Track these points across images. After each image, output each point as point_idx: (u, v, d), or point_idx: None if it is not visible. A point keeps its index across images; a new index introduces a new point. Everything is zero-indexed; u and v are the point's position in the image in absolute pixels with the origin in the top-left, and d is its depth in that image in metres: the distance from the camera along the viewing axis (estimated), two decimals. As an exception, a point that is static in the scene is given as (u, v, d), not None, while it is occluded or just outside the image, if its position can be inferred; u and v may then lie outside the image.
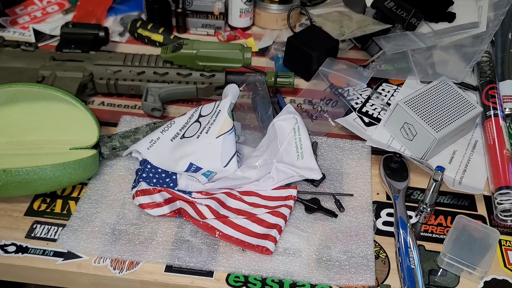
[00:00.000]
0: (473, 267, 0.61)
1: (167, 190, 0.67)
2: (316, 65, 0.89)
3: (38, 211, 0.68)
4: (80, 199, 0.70)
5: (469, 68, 0.89)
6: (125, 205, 0.69)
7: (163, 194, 0.67)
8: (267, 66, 0.96)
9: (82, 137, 0.72)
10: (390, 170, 0.73)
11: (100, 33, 0.90)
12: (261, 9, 1.04)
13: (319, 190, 0.72)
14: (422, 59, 0.91)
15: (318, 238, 0.66)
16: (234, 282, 0.61)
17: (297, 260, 0.63)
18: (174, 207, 0.67)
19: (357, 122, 0.83)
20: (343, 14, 1.00)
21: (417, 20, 0.92)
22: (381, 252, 0.65)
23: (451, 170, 0.76)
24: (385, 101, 0.87)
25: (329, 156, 0.77)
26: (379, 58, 0.93)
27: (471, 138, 0.82)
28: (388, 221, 0.69)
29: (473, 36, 0.93)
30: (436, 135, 0.73)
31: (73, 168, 0.67)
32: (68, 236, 0.65)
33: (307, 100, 0.87)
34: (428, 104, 0.77)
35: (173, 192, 0.67)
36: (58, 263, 0.63)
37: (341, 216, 0.69)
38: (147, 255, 0.63)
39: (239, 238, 0.64)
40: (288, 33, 0.99)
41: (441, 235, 0.68)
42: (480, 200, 0.73)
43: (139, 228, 0.66)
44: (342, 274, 0.62)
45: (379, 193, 0.73)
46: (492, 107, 0.82)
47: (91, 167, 0.70)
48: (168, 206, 0.67)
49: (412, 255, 0.63)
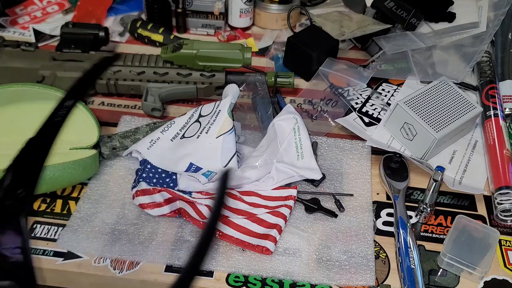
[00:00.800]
0: (473, 267, 0.61)
1: (167, 190, 0.67)
2: (316, 65, 0.89)
3: (38, 211, 0.68)
4: (80, 199, 0.70)
5: (469, 68, 0.89)
6: (125, 205, 0.69)
7: (163, 194, 0.67)
8: (267, 66, 0.96)
9: (82, 137, 0.72)
10: (390, 170, 0.73)
11: (100, 33, 0.89)
12: (261, 9, 1.04)
13: (319, 190, 0.72)
14: (422, 59, 0.91)
15: (318, 238, 0.66)
16: (234, 282, 0.61)
17: (297, 260, 0.63)
18: (174, 207, 0.67)
19: (357, 122, 0.83)
20: (343, 14, 1.00)
21: (417, 20, 0.92)
22: (381, 252, 0.65)
23: (451, 170, 0.76)
24: (385, 101, 0.87)
25: (329, 156, 0.77)
26: (379, 58, 0.93)
27: (471, 138, 0.82)
28: (388, 221, 0.69)
29: (473, 36, 0.93)
30: (436, 135, 0.73)
31: (73, 168, 0.67)
32: (68, 236, 0.65)
33: (307, 100, 0.87)
34: (428, 104, 0.77)
35: (173, 192, 0.67)
36: (58, 263, 0.63)
37: (341, 216, 0.69)
38: (147, 255, 0.63)
39: (239, 238, 0.64)
40: (288, 33, 0.99)
41: (441, 235, 0.68)
42: (480, 200, 0.73)
43: (139, 228, 0.66)
44: (342, 274, 0.62)
45: (379, 193, 0.73)
46: (492, 107, 0.82)
47: (91, 167, 0.70)
48: (168, 206, 0.67)
49: (412, 255, 0.63)
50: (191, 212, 0.65)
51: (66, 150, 0.71)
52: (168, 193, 0.66)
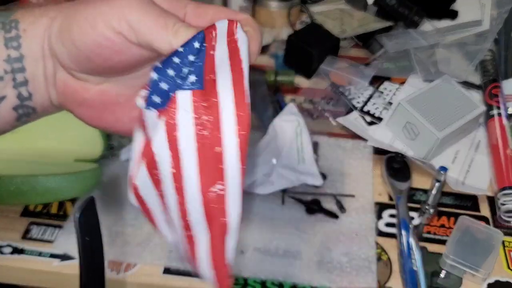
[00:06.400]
0: (476, 269, 0.61)
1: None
2: (317, 63, 0.88)
3: (34, 212, 0.68)
4: (77, 201, 0.69)
5: (472, 66, 0.89)
6: (122, 206, 0.68)
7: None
8: (267, 65, 0.95)
9: (88, 148, 0.71)
10: (392, 171, 0.72)
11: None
12: (260, 6, 1.03)
13: (320, 191, 0.71)
14: (425, 57, 0.90)
15: (319, 240, 0.65)
16: (233, 284, 0.61)
17: (298, 262, 0.63)
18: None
19: (359, 121, 0.82)
20: (344, 12, 0.99)
21: (419, 17, 0.92)
22: (382, 254, 0.65)
23: (454, 170, 0.75)
24: (387, 100, 0.86)
25: (330, 156, 0.76)
26: (381, 56, 0.92)
27: (474, 137, 0.81)
28: (390, 222, 0.69)
29: (476, 34, 0.93)
30: (438, 134, 0.73)
31: (69, 181, 0.65)
32: (65, 238, 0.64)
33: (307, 99, 0.86)
34: (430, 103, 0.76)
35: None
36: (55, 265, 0.62)
37: (342, 217, 0.68)
38: (145, 257, 0.62)
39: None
40: (289, 31, 0.98)
41: (443, 236, 0.67)
42: (483, 200, 0.72)
43: (137, 230, 0.65)
44: (343, 277, 0.61)
45: (381, 194, 0.72)
46: (495, 106, 0.81)
47: (89, 182, 0.67)
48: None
49: (414, 257, 0.62)
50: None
51: (70, 161, 0.70)
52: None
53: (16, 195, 0.64)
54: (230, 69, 0.33)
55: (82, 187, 0.67)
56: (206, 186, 0.32)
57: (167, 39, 0.33)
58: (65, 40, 0.34)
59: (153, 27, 0.33)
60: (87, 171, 0.67)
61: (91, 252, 0.36)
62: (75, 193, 0.67)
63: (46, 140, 0.71)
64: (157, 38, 0.33)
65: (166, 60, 0.33)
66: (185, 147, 0.32)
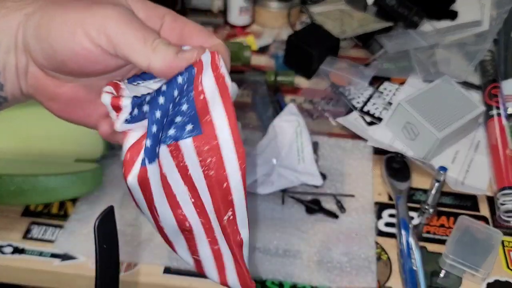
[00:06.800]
0: (476, 269, 0.61)
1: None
2: (316, 64, 0.88)
3: (35, 212, 0.68)
4: (78, 201, 0.69)
5: (472, 66, 0.89)
6: (123, 206, 0.68)
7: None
8: (267, 65, 0.95)
9: (88, 148, 0.71)
10: (392, 171, 0.72)
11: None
12: (261, 7, 1.04)
13: (319, 190, 0.71)
14: (424, 58, 0.90)
15: (319, 240, 0.65)
16: (233, 284, 0.61)
17: (298, 261, 0.63)
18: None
19: (359, 121, 0.82)
20: (344, 12, 0.99)
21: (419, 18, 0.92)
22: (382, 253, 0.65)
23: (453, 170, 0.75)
24: (387, 100, 0.86)
25: (330, 156, 0.77)
26: (380, 56, 0.92)
27: (474, 138, 0.81)
28: (390, 222, 0.69)
29: (476, 35, 0.93)
30: (438, 134, 0.73)
31: (69, 181, 0.65)
32: (66, 238, 0.64)
33: (307, 99, 0.86)
34: (430, 104, 0.77)
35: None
36: (56, 265, 0.62)
37: (342, 217, 0.68)
38: (145, 256, 0.62)
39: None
40: (289, 31, 0.98)
41: (443, 236, 0.67)
42: (483, 200, 0.73)
43: (137, 229, 0.65)
44: (343, 276, 0.61)
45: (381, 194, 0.72)
46: (495, 106, 0.81)
47: (90, 182, 0.67)
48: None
49: (414, 256, 0.62)
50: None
51: (71, 161, 0.70)
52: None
53: (16, 194, 0.64)
54: (224, 108, 0.36)
55: (83, 187, 0.67)
56: (220, 217, 0.38)
57: (146, 55, 0.33)
58: (41, 40, 0.34)
59: (132, 41, 0.33)
60: (88, 171, 0.67)
61: (108, 259, 0.37)
62: (76, 193, 0.67)
63: (47, 140, 0.71)
64: (135, 53, 0.33)
65: (152, 99, 0.34)
66: (199, 186, 0.38)
